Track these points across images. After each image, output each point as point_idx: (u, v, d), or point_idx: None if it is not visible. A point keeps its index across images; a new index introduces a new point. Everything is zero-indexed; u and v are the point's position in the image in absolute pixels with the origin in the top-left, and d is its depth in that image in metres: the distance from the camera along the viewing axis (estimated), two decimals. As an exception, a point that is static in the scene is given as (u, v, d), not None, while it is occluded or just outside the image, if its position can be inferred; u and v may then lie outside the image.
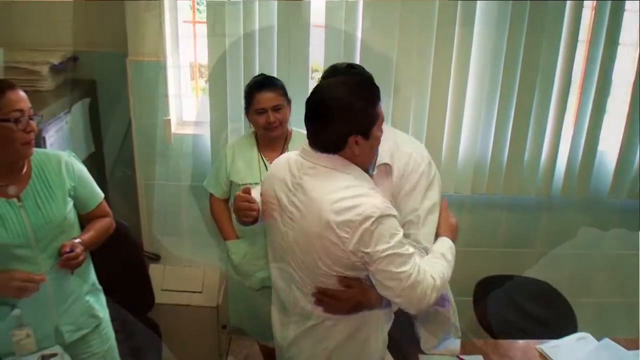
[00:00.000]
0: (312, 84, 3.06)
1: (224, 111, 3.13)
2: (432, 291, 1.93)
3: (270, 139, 2.80)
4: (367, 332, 2.08)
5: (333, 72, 2.20)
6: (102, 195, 2.38)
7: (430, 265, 1.98)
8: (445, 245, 2.12)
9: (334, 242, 1.84)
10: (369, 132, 1.89)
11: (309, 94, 1.94)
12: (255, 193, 2.14)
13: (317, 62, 3.26)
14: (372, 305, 2.02)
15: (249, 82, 2.82)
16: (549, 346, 2.44)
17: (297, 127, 2.81)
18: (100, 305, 2.41)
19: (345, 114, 1.85)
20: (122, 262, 2.78)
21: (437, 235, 2.16)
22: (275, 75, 3.02)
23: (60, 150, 2.34)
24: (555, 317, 2.95)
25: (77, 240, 2.17)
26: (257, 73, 3.05)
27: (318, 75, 2.95)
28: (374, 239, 1.82)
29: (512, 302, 2.96)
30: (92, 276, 2.39)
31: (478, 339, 2.51)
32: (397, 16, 2.97)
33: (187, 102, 3.38)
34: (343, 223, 1.82)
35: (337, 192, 1.86)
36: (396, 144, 2.20)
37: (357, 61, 3.06)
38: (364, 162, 1.95)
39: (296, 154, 2.01)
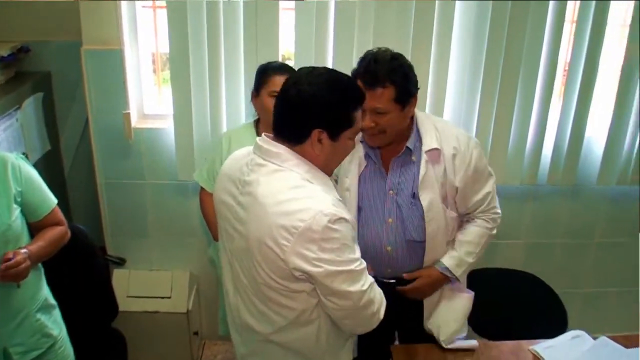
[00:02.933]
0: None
1: (188, 103, 2.92)
2: (381, 306, 1.81)
3: None
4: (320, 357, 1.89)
5: (374, 59, 2.04)
6: (55, 201, 2.17)
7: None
8: None
9: (272, 248, 1.65)
10: (337, 133, 1.73)
11: (286, 79, 1.77)
12: None
13: (289, 50, 3.05)
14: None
15: (261, 65, 2.62)
16: (542, 347, 2.31)
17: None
18: (54, 322, 2.19)
19: (313, 103, 1.68)
20: (80, 270, 2.58)
21: None
22: (242, 64, 2.87)
23: (7, 152, 2.11)
24: (543, 311, 2.84)
25: (24, 251, 1.95)
26: (222, 61, 2.88)
27: (291, 64, 2.77)
28: (320, 250, 1.63)
29: (497, 297, 2.83)
30: (44, 291, 2.18)
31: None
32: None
33: (148, 94, 3.15)
34: (283, 228, 1.63)
35: (282, 193, 1.67)
36: (435, 128, 2.21)
37: (330, 48, 2.89)
38: (325, 165, 1.78)
39: (251, 149, 1.83)
